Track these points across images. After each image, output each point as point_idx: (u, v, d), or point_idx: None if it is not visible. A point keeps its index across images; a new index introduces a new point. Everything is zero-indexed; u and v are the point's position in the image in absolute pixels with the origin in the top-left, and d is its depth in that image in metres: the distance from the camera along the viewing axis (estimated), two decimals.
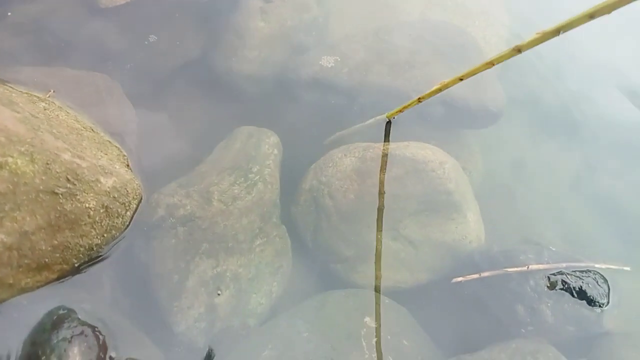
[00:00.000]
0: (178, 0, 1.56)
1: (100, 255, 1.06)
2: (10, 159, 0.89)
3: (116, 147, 1.18)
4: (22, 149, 0.91)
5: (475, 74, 1.20)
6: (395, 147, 1.53)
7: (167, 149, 1.43)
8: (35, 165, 0.92)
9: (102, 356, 0.94)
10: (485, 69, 1.17)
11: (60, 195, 0.94)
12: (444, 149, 1.57)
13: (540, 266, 1.37)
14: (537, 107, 1.94)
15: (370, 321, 1.29)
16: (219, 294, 1.25)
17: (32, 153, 0.92)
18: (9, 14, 1.41)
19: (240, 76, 1.59)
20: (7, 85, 1.17)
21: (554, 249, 1.45)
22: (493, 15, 2.09)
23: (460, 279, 1.38)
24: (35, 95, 1.16)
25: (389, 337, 1.28)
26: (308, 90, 1.59)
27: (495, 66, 1.16)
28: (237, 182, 1.41)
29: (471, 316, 1.37)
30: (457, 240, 1.45)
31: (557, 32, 0.96)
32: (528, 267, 1.36)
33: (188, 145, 1.48)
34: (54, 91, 1.19)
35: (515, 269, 1.36)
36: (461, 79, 1.24)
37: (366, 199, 1.45)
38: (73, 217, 0.96)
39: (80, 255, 1.00)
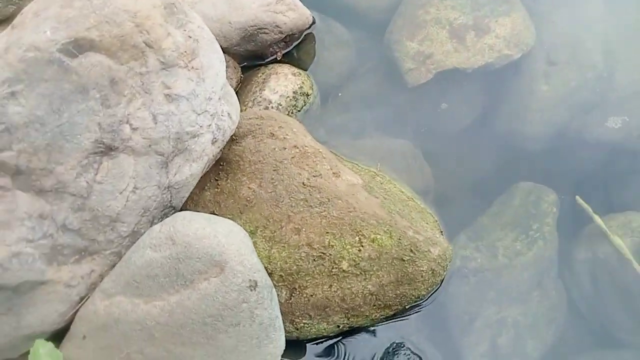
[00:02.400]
0: (467, 72, 1.80)
1: (423, 302, 1.42)
2: (378, 236, 1.29)
3: (430, 214, 1.51)
4: (385, 229, 1.30)
5: None
6: None
7: (456, 201, 1.71)
8: (392, 240, 1.30)
9: None
10: None
11: (406, 261, 1.31)
12: None
13: None
14: None
15: None
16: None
17: (390, 231, 1.31)
18: (340, 94, 1.87)
19: (520, 136, 1.75)
20: (353, 162, 1.60)
21: None
22: None
23: None
24: (372, 170, 1.57)
25: None
26: (592, 152, 1.65)
27: None
28: (519, 238, 1.60)
29: None
30: None
31: None
32: None
33: (471, 198, 1.73)
34: (380, 165, 1.59)
35: None
36: None
37: None
38: (412, 276, 1.32)
39: (411, 301, 1.37)
